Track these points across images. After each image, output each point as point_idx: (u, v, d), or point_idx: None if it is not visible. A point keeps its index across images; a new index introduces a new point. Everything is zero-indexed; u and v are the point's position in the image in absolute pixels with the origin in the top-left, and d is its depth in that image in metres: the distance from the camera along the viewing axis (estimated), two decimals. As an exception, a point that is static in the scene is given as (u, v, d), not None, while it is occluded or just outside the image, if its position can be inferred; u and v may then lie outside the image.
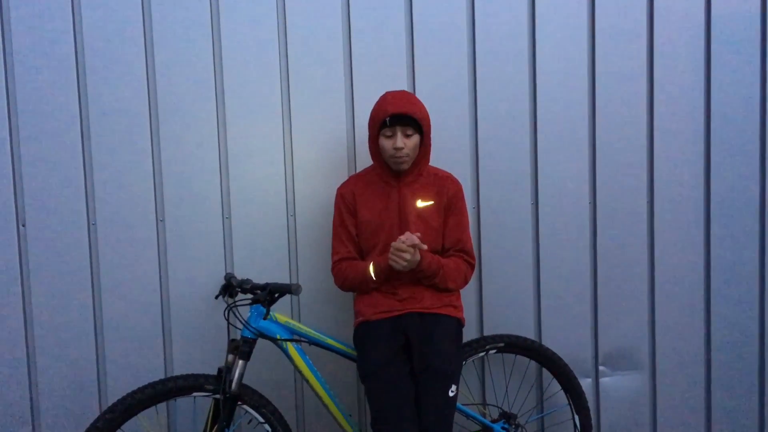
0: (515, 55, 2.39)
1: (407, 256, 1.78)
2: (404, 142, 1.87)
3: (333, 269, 2.03)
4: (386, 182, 1.99)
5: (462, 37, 2.35)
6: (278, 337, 1.89)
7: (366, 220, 1.98)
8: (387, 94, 1.93)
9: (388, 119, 1.84)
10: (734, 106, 2.53)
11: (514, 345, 2.22)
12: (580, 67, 2.43)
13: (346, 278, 1.97)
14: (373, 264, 1.90)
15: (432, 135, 2.21)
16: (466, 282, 2.03)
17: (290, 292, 1.83)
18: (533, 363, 2.47)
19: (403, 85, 2.32)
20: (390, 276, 1.92)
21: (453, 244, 2.01)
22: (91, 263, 2.14)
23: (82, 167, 2.12)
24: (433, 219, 1.98)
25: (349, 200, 2.01)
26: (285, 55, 2.25)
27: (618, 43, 2.45)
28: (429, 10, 2.31)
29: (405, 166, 1.93)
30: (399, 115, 1.84)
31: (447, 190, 2.01)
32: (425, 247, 1.77)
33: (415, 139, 1.90)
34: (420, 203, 1.96)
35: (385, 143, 1.89)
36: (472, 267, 2.05)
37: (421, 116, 1.88)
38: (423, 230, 1.95)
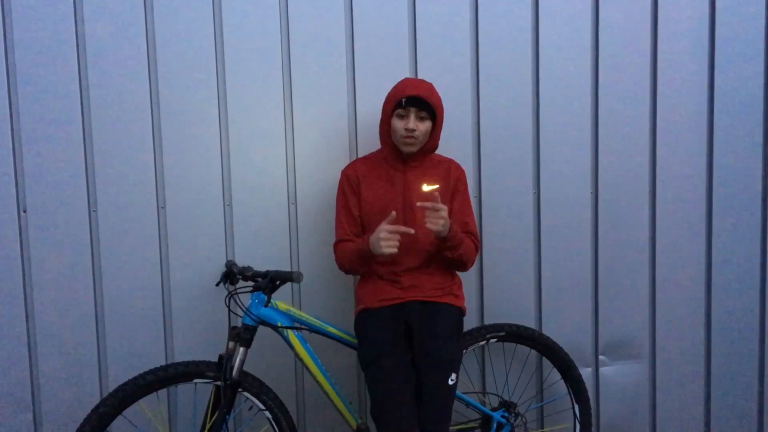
0: (518, 44, 2.37)
1: (444, 213, 1.76)
2: (416, 125, 1.88)
3: (334, 251, 2.03)
4: (392, 165, 1.99)
5: (465, 25, 2.33)
6: (279, 324, 1.89)
7: (369, 202, 1.97)
8: (407, 78, 1.98)
9: (404, 99, 1.86)
10: (738, 96, 2.52)
11: (514, 334, 2.22)
12: (583, 57, 2.41)
13: (345, 259, 1.96)
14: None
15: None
16: (473, 263, 2.03)
17: (291, 280, 1.83)
18: (533, 352, 2.47)
19: (405, 72, 2.30)
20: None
21: (460, 226, 2.02)
22: (92, 250, 2.14)
23: (83, 153, 2.11)
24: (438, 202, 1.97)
25: (353, 181, 2.01)
26: (287, 42, 2.23)
27: (621, 33, 2.43)
28: (432, -3, 2.30)
29: (413, 149, 1.93)
30: (415, 98, 1.86)
31: (452, 174, 2.02)
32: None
33: (428, 124, 1.91)
34: (426, 187, 1.96)
35: (398, 123, 1.90)
36: (478, 249, 2.06)
37: (436, 103, 1.91)
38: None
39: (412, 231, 1.75)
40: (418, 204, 1.76)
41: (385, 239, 1.74)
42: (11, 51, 2.04)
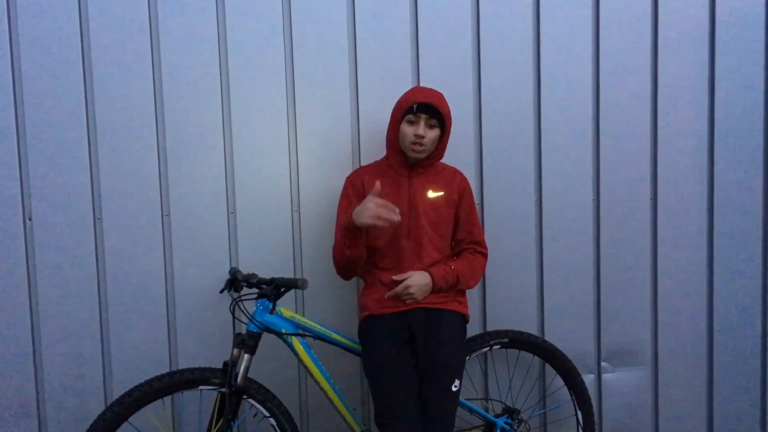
0: (520, 51, 2.39)
1: (413, 289, 1.86)
2: (425, 131, 1.90)
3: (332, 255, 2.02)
4: (397, 172, 2.00)
5: (467, 32, 2.35)
6: (283, 331, 1.90)
7: None
8: (417, 86, 2.00)
9: (415, 106, 1.88)
10: (738, 102, 2.53)
11: (518, 340, 2.23)
12: (584, 64, 2.43)
13: (336, 248, 1.94)
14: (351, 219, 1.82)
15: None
16: (483, 273, 2.06)
17: (296, 287, 1.83)
18: (536, 359, 2.48)
19: (407, 80, 2.32)
20: (358, 232, 1.83)
21: (465, 235, 2.05)
22: (96, 257, 2.15)
23: (88, 162, 2.12)
24: (443, 209, 1.99)
25: (358, 187, 2.01)
26: (290, 51, 2.25)
27: (622, 39, 2.44)
28: (434, 5, 2.31)
29: (421, 156, 1.94)
30: (426, 104, 1.88)
31: (457, 183, 2.04)
32: (397, 211, 1.72)
33: (436, 132, 1.93)
34: (431, 194, 1.98)
35: (407, 129, 1.92)
36: (486, 256, 2.08)
37: (446, 112, 1.93)
38: (434, 220, 1.97)
39: (397, 215, 1.71)
40: (386, 296, 1.90)
41: (372, 210, 1.70)
42: (17, 57, 2.06)
